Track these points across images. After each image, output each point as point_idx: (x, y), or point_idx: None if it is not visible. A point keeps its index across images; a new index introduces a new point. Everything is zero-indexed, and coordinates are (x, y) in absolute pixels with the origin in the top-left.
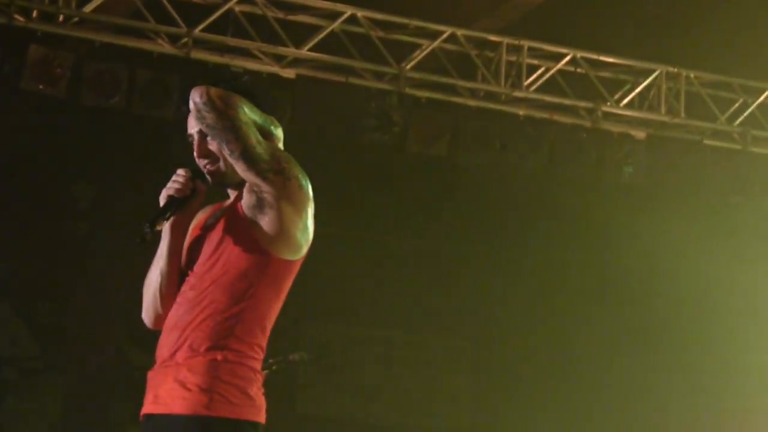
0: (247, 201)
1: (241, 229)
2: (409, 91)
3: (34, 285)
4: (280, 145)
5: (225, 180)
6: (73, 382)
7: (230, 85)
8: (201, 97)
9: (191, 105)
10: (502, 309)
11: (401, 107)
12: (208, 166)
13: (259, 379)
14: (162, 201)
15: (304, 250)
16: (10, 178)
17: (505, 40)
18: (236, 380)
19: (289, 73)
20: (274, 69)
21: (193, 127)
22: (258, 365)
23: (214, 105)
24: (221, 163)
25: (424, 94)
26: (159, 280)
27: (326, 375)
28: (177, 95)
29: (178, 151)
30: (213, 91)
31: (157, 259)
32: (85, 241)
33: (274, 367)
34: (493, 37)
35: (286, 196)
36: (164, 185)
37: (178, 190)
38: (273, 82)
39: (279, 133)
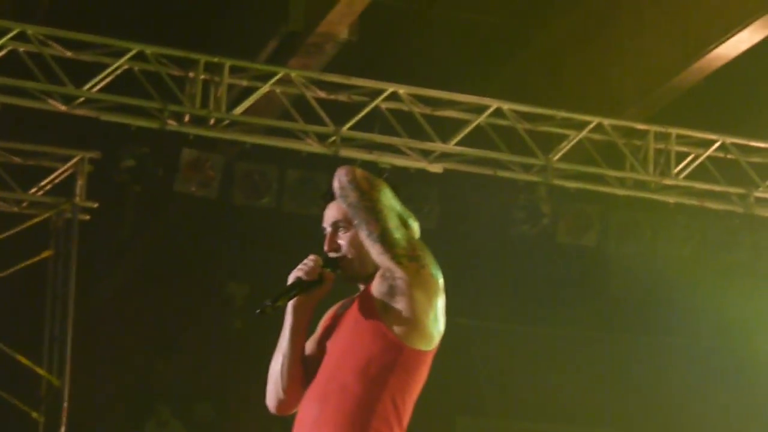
0: (378, 287)
1: (373, 316)
2: (557, 182)
3: (192, 386)
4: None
5: (353, 274)
6: None
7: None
8: (347, 175)
9: (335, 183)
10: (660, 400)
11: (550, 198)
12: (336, 265)
13: None
14: (290, 282)
15: (437, 340)
16: (166, 279)
17: (653, 128)
18: None
19: (436, 168)
20: (422, 164)
21: (328, 219)
22: None
23: (359, 184)
24: (352, 258)
25: (572, 184)
26: (282, 361)
27: None
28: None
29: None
30: (359, 171)
31: (279, 344)
32: (240, 339)
33: None
34: (640, 126)
35: (419, 283)
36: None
37: (306, 272)
38: (421, 177)
39: (416, 227)
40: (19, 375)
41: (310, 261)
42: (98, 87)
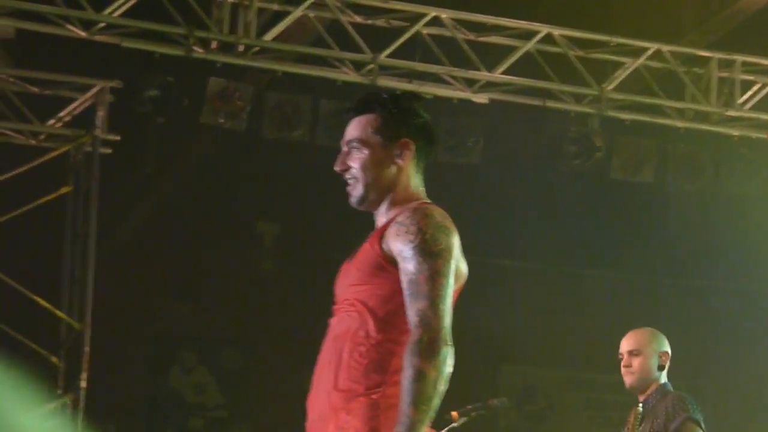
0: (401, 273)
1: (377, 264)
2: (611, 113)
3: (219, 331)
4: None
5: (365, 204)
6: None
7: (397, 106)
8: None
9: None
10: (721, 346)
11: (603, 131)
12: (347, 184)
13: None
14: None
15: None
16: (191, 217)
17: (716, 55)
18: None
19: (481, 98)
20: (466, 94)
21: (345, 137)
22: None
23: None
24: (361, 185)
25: (627, 116)
26: None
27: (530, 422)
28: None
29: None
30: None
31: None
32: (270, 281)
33: (473, 414)
34: (702, 52)
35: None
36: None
37: None
38: (464, 108)
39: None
40: (37, 318)
41: None
42: (120, 11)
